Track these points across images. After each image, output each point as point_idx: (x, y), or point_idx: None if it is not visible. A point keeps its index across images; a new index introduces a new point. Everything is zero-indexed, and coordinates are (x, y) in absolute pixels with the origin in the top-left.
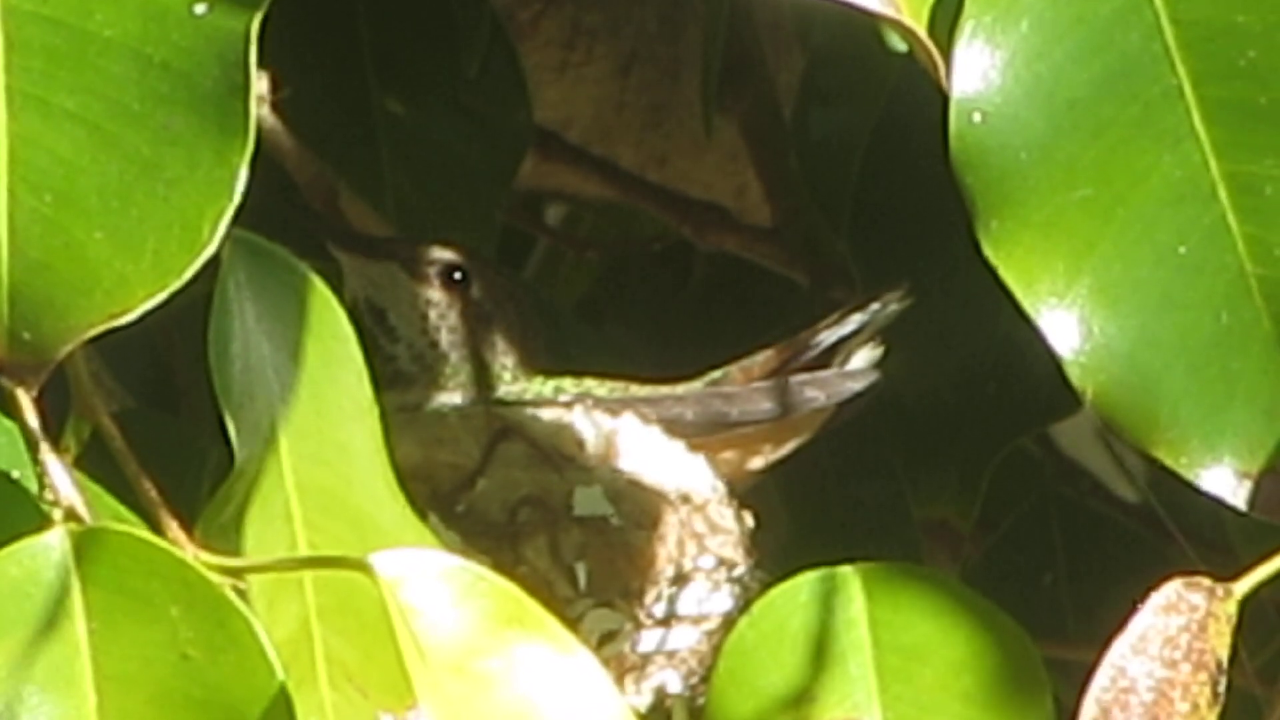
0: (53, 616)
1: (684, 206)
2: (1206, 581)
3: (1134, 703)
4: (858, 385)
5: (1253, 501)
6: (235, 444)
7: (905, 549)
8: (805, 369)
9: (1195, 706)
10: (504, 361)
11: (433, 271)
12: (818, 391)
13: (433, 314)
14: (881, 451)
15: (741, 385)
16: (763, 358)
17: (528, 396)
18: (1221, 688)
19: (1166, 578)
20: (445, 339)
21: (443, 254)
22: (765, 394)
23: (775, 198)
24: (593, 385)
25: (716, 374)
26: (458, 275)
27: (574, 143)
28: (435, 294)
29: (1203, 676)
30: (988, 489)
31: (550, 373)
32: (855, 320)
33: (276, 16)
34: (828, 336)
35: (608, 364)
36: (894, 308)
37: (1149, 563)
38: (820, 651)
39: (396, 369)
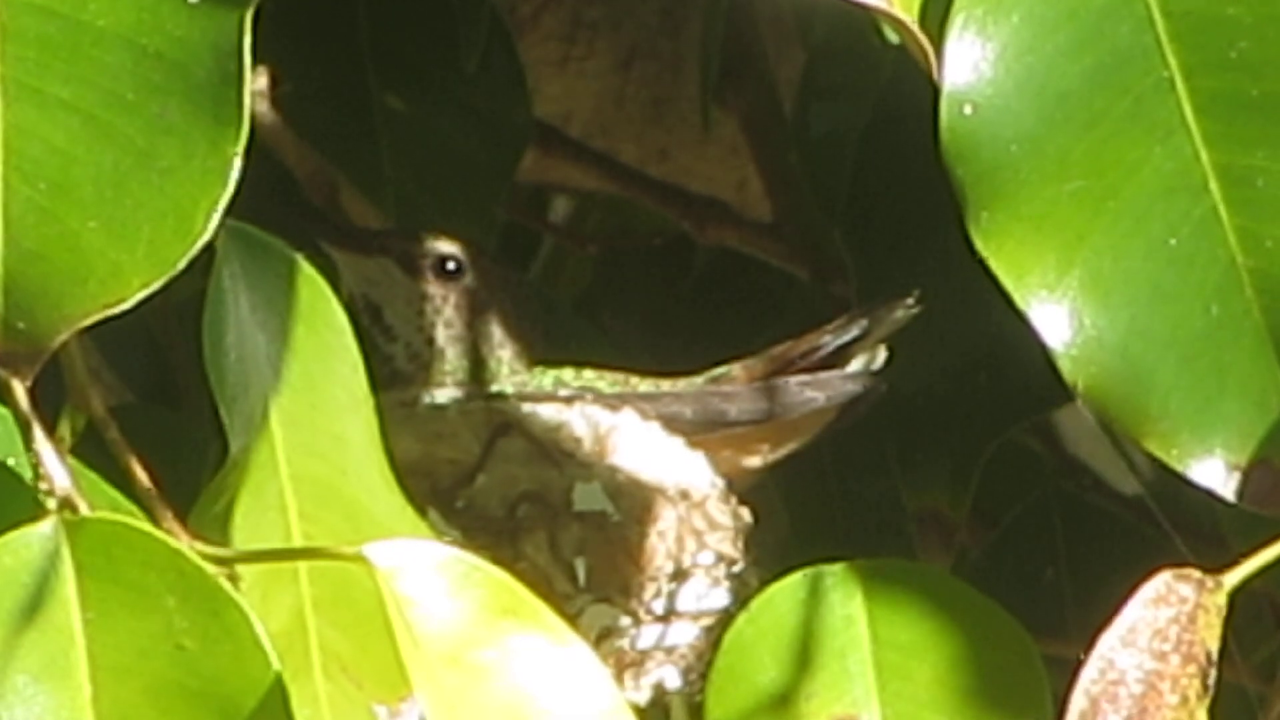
0: (47, 606)
1: (684, 201)
2: (1196, 573)
3: (1123, 695)
4: (857, 388)
5: (1242, 492)
6: (229, 435)
7: (906, 545)
8: (807, 370)
9: (1185, 699)
10: (502, 352)
11: (426, 264)
12: (817, 393)
13: (428, 309)
14: (878, 446)
15: (742, 384)
16: (765, 357)
17: (528, 389)
18: (1211, 680)
19: (1159, 568)
20: (441, 334)
21: (436, 245)
22: (764, 394)
23: (776, 193)
24: (592, 377)
25: (718, 371)
26: (451, 266)
27: (574, 137)
28: (430, 288)
29: (1192, 668)
30: (990, 484)
31: (550, 364)
32: (860, 325)
33: (276, 12)
34: (832, 341)
35: (608, 358)
36: (900, 314)
37: (1150, 558)
38: (818, 648)
39: (394, 369)
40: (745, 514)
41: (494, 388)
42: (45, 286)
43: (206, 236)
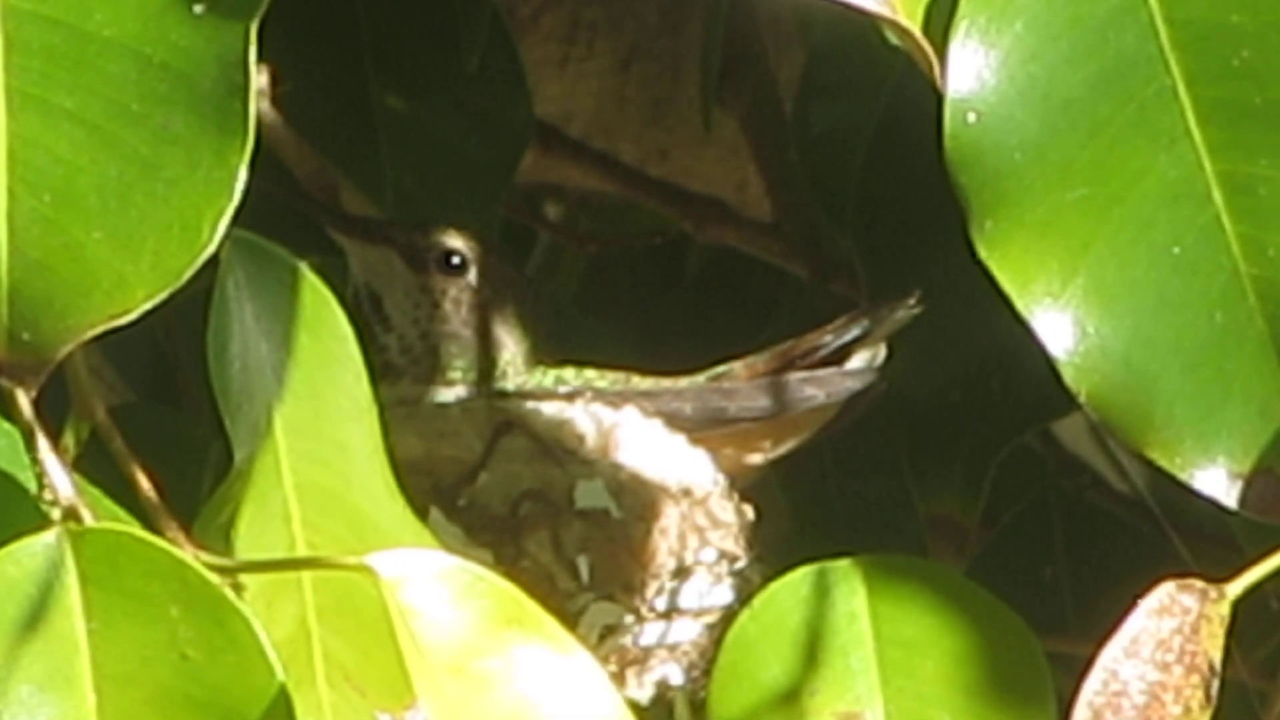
0: (51, 616)
1: (684, 201)
2: (1199, 583)
3: (1126, 706)
4: (856, 385)
5: (1244, 501)
6: (233, 444)
7: (909, 544)
8: (808, 369)
9: (1188, 709)
10: (503, 350)
11: (430, 258)
12: (816, 390)
13: (426, 303)
14: (885, 447)
15: (742, 382)
16: (767, 356)
17: (529, 387)
18: (1214, 690)
19: (1162, 578)
20: (438, 330)
21: (440, 239)
22: (763, 391)
23: (776, 192)
24: (593, 376)
25: (720, 369)
26: (455, 261)
27: (575, 137)
28: (431, 281)
29: (1195, 679)
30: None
31: (551, 363)
32: (862, 325)
33: (276, 12)
34: (833, 340)
35: (607, 357)
36: (902, 313)
37: (1150, 557)
38: (822, 645)
39: (386, 360)
40: (747, 511)
41: (496, 386)
42: (50, 297)
43: (212, 247)
